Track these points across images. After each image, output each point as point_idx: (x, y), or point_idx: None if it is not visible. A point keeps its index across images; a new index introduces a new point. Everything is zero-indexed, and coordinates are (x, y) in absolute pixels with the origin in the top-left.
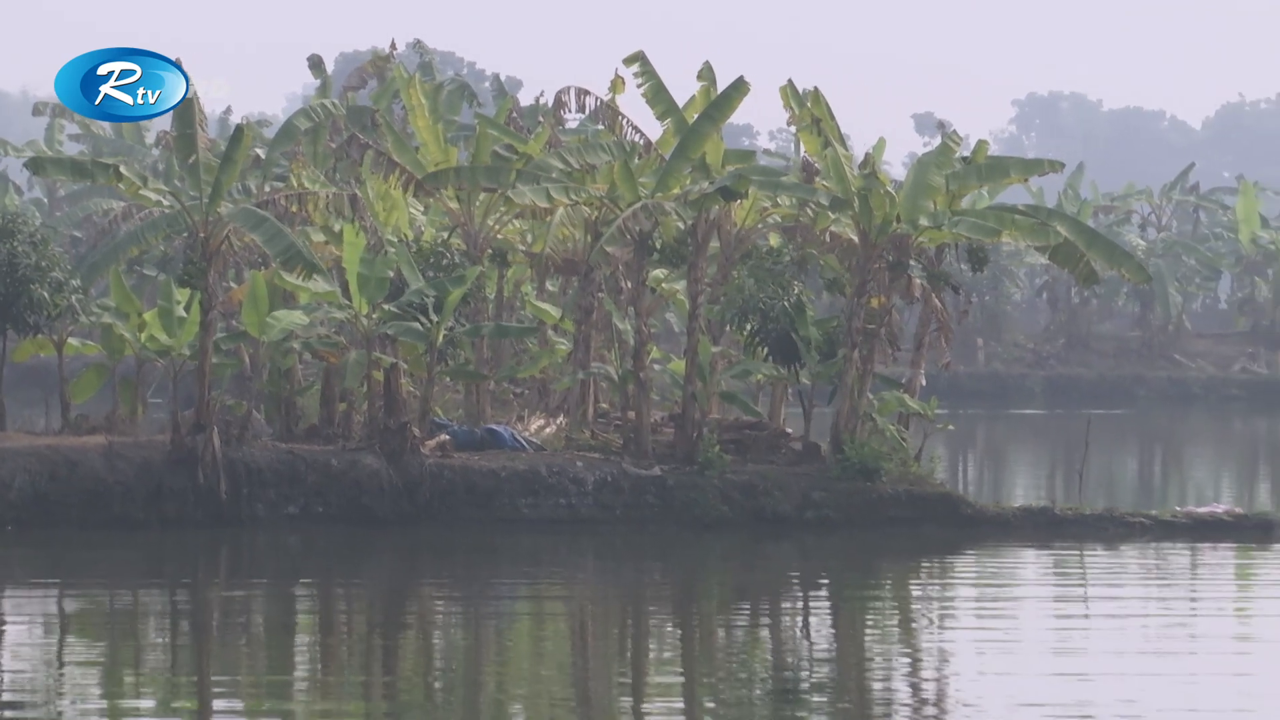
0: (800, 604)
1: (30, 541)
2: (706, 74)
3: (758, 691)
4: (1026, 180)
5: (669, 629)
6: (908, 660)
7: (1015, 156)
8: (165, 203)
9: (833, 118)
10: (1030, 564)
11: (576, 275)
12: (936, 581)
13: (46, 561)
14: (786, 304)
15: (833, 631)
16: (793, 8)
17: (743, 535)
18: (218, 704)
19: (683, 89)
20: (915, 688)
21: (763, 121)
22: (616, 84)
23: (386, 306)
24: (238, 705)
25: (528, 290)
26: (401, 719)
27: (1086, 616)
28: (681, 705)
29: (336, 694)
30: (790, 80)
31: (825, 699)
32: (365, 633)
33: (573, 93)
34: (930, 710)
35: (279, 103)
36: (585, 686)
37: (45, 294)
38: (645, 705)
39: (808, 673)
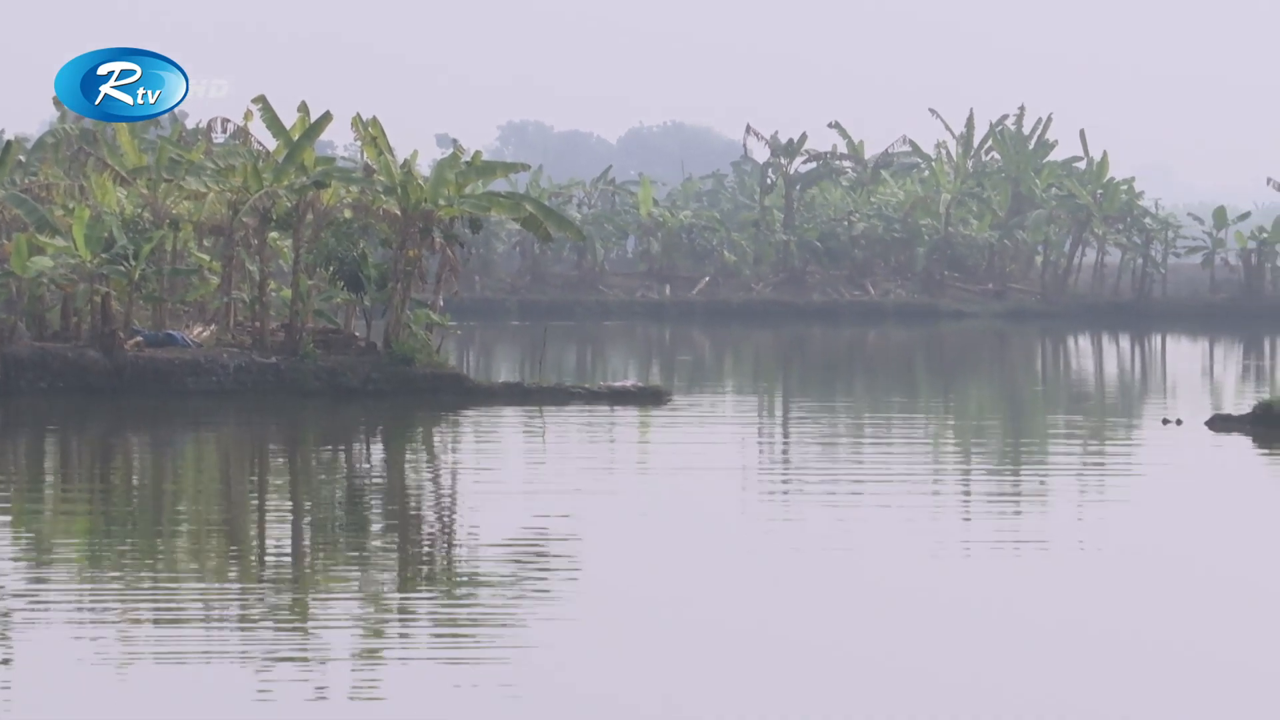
0: (365, 444)
1: None
2: (304, 108)
3: (338, 495)
4: (507, 176)
5: (281, 460)
6: (430, 474)
7: (500, 161)
8: None
9: (385, 135)
10: (509, 418)
11: (223, 235)
12: (449, 429)
13: None
14: (355, 254)
15: (384, 459)
16: (366, 55)
17: (328, 400)
18: None
19: (289, 115)
20: (435, 491)
21: (340, 138)
22: (248, 115)
23: (103, 255)
24: (8, 493)
25: (192, 245)
26: (109, 514)
27: (543, 447)
28: (290, 504)
29: (71, 495)
30: (358, 112)
31: (379, 499)
32: (90, 461)
33: (219, 121)
34: (444, 500)
35: (33, 126)
36: (229, 491)
37: None
38: (268, 505)
39: (368, 483)
